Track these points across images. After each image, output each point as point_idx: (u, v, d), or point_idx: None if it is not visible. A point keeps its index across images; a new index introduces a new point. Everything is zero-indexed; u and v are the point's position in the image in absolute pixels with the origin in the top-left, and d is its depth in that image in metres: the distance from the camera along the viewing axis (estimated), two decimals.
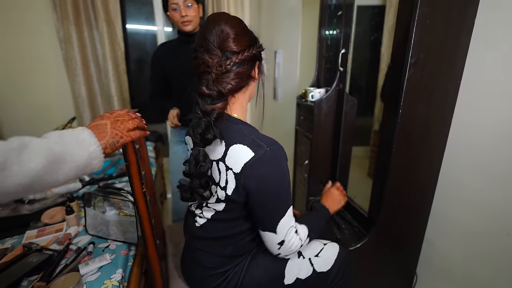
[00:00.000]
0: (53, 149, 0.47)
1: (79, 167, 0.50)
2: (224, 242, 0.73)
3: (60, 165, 0.47)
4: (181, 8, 1.25)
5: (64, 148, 0.48)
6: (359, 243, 0.98)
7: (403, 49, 0.81)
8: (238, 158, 0.62)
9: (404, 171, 0.92)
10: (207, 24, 0.65)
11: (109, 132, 0.55)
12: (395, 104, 0.85)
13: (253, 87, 0.74)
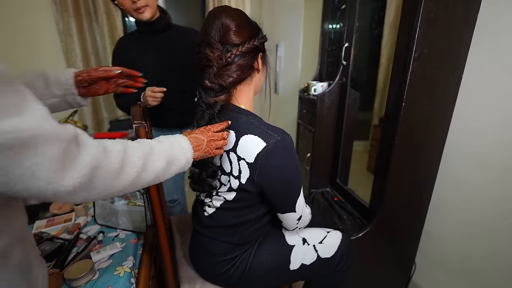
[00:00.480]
0: (169, 152, 0.54)
1: (178, 170, 0.57)
2: (232, 230, 0.76)
3: (170, 166, 0.54)
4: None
5: (173, 151, 0.55)
6: (361, 232, 1.01)
7: (407, 43, 0.82)
8: (250, 148, 0.64)
9: (405, 163, 0.95)
10: (208, 18, 0.66)
11: (203, 148, 0.61)
12: (398, 98, 0.87)
13: (258, 79, 0.74)
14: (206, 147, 0.62)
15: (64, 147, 0.36)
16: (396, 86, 0.89)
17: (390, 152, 0.91)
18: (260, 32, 0.70)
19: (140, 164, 0.48)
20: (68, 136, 0.38)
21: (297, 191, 0.71)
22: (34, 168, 0.33)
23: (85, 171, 0.38)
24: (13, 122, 0.32)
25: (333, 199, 1.35)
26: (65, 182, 0.36)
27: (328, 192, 1.45)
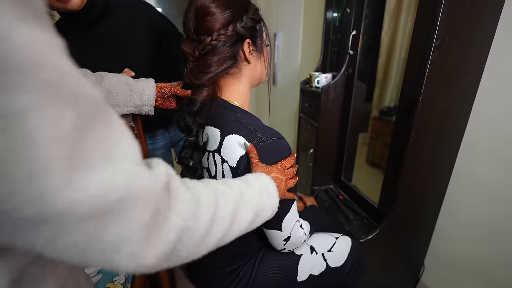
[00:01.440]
0: (258, 201, 0.44)
1: (258, 225, 0.47)
2: None
3: (254, 221, 0.44)
4: None
5: (262, 200, 0.45)
6: (370, 235, 0.96)
7: (427, 29, 0.74)
8: (233, 150, 0.56)
9: (420, 162, 0.88)
10: (188, 5, 0.57)
11: (282, 189, 0.53)
12: (415, 92, 0.79)
13: (251, 70, 0.63)
14: (284, 188, 0.54)
15: (155, 208, 0.27)
16: (413, 79, 0.81)
17: (404, 151, 0.84)
18: (245, 14, 0.58)
19: (230, 220, 0.38)
20: (160, 189, 0.28)
21: (286, 205, 0.59)
22: (117, 242, 0.24)
23: (172, 238, 0.29)
24: (102, 177, 0.22)
25: (337, 197, 1.29)
26: (149, 253, 0.27)
27: (332, 189, 1.39)
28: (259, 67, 0.65)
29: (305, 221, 0.72)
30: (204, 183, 0.39)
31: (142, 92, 0.68)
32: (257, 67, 0.64)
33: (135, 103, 0.67)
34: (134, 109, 0.69)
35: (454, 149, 0.93)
